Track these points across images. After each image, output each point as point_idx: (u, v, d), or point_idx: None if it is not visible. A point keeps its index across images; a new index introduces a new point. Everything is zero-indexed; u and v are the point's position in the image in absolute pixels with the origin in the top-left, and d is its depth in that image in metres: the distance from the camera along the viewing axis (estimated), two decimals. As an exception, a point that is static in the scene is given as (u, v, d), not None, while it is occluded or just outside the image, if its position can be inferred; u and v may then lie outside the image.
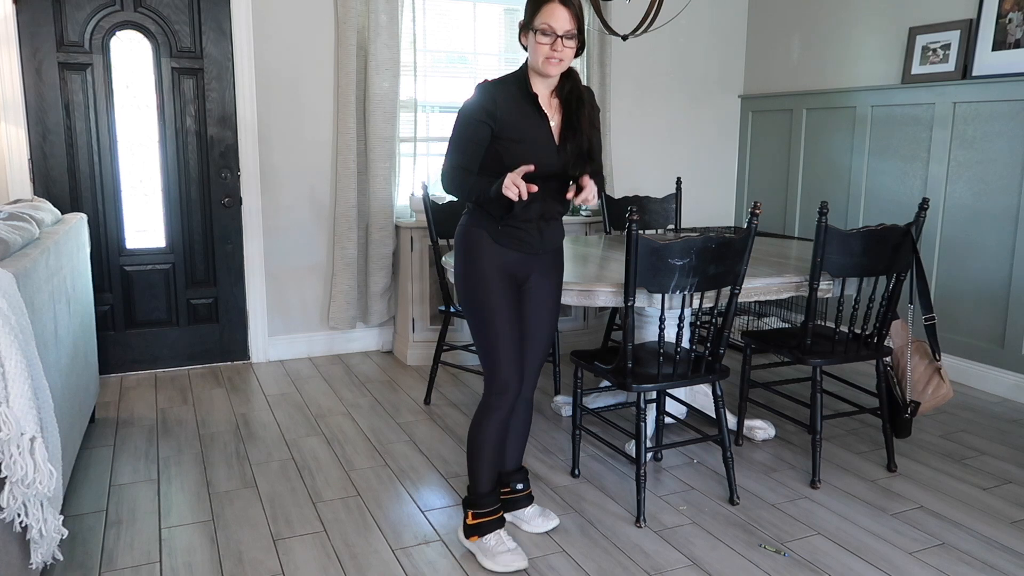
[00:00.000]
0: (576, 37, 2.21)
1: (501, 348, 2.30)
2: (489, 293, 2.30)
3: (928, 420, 3.57)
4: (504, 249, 2.30)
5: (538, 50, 2.20)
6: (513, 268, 2.33)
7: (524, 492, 2.58)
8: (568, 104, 2.31)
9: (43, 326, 2.31)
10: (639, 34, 3.58)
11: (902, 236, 2.86)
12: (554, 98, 2.32)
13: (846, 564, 2.39)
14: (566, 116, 2.31)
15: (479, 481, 2.39)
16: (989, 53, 3.88)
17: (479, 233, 2.31)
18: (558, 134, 2.30)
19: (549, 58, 2.20)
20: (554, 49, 2.18)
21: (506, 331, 2.30)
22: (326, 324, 4.56)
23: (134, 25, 3.97)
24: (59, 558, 2.06)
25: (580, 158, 2.29)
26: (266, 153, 4.28)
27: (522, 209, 2.25)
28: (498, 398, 2.33)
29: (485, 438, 2.36)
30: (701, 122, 5.38)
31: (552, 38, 2.18)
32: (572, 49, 2.22)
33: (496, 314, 2.30)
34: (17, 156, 3.81)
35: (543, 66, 2.22)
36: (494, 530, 2.39)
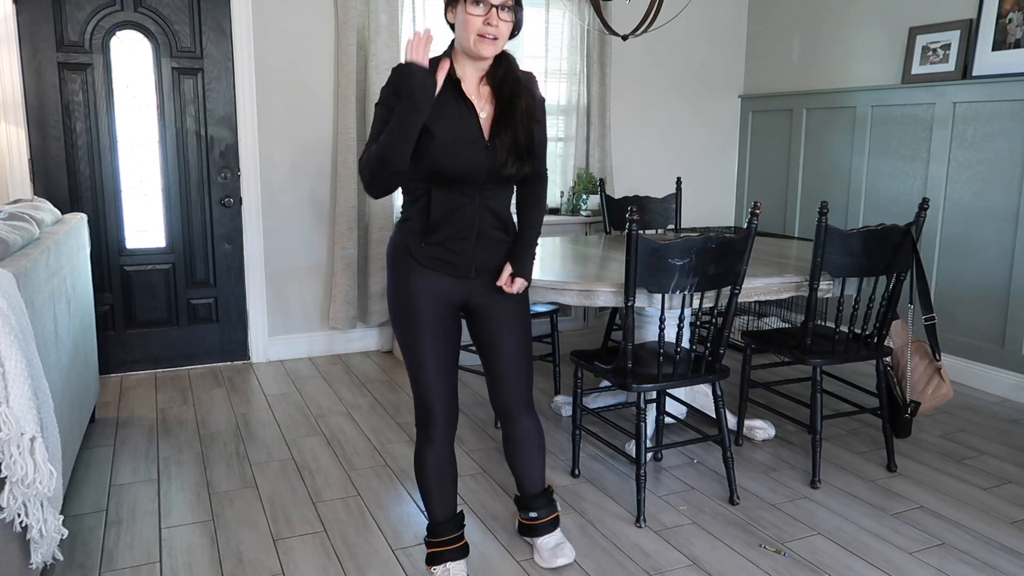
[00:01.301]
0: (513, 11, 1.91)
1: (425, 380, 2.09)
2: (414, 318, 2.06)
3: (928, 420, 3.57)
4: (429, 272, 2.04)
5: (469, 24, 1.88)
6: (448, 291, 2.08)
7: (541, 520, 2.36)
8: (501, 92, 1.99)
9: (43, 326, 2.31)
10: (639, 34, 3.58)
11: (902, 236, 2.86)
12: (484, 86, 2.00)
13: (846, 564, 2.39)
14: (499, 106, 1.98)
15: (430, 512, 2.24)
16: (989, 53, 3.88)
17: (403, 251, 2.05)
18: (488, 128, 1.98)
19: (482, 35, 1.88)
20: (488, 23, 1.87)
21: (429, 360, 2.07)
22: (326, 324, 4.56)
23: (134, 25, 3.97)
24: (59, 558, 2.06)
25: (516, 155, 1.98)
26: (266, 153, 4.28)
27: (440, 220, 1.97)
28: (423, 429, 2.15)
29: (422, 470, 2.19)
30: (701, 122, 5.38)
31: (487, 8, 1.87)
32: (508, 24, 1.91)
33: (421, 345, 2.06)
34: (17, 156, 3.81)
35: (475, 45, 1.90)
36: (445, 561, 2.22)
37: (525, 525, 2.41)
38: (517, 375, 2.20)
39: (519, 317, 2.18)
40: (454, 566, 2.23)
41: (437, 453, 2.17)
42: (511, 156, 1.98)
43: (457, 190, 1.97)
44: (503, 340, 2.16)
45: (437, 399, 2.12)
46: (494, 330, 2.16)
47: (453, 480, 2.23)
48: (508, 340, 2.16)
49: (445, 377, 2.12)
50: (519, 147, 1.99)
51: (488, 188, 2.02)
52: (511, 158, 1.98)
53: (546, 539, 2.38)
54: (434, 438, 2.16)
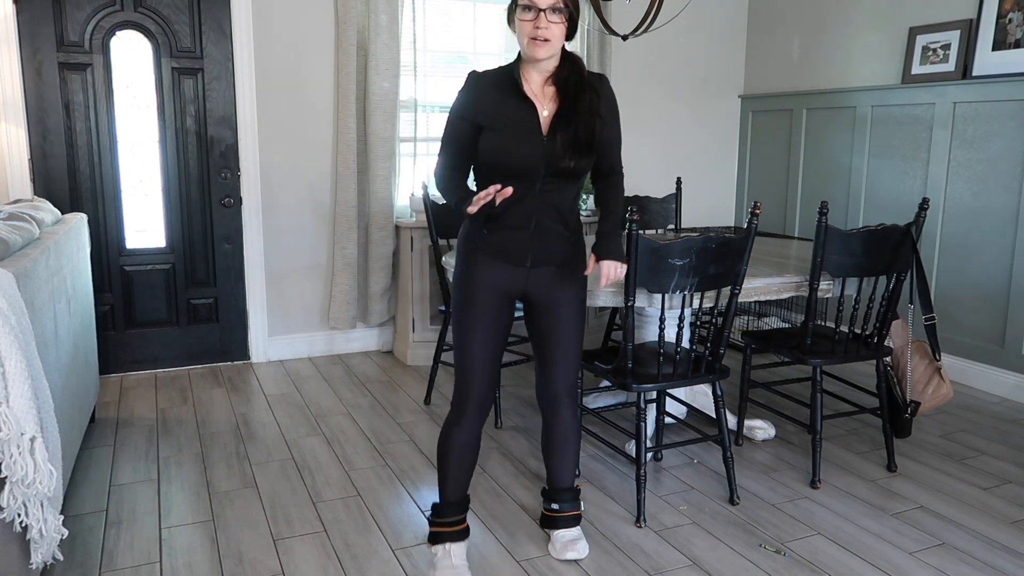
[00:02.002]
0: (563, 12, 2.00)
1: (468, 364, 2.19)
2: (471, 306, 2.18)
3: (928, 420, 3.57)
4: (491, 260, 2.16)
5: (522, 29, 2.01)
6: (508, 282, 2.18)
7: (563, 514, 2.42)
8: (565, 90, 2.08)
9: (43, 326, 2.31)
10: (639, 34, 3.58)
11: (902, 236, 2.86)
12: (549, 86, 2.10)
13: (846, 564, 2.39)
14: (562, 104, 2.08)
15: (442, 491, 2.32)
16: (989, 53, 3.88)
17: (470, 240, 2.19)
18: (547, 125, 2.08)
19: (533, 37, 1.99)
20: (537, 26, 1.98)
21: (476, 347, 2.18)
22: (326, 324, 4.56)
23: (134, 25, 3.97)
24: (59, 558, 2.05)
25: (574, 149, 2.06)
26: (266, 153, 4.28)
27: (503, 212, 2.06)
28: (457, 409, 2.25)
29: (445, 450, 2.28)
30: (701, 122, 5.38)
31: (535, 13, 1.98)
32: (560, 26, 2.01)
33: (471, 331, 2.18)
34: (17, 156, 3.81)
35: (529, 48, 2.02)
36: (447, 541, 2.29)
37: (547, 516, 2.47)
38: (567, 366, 2.29)
39: (576, 311, 2.27)
40: (454, 547, 2.30)
41: (464, 435, 2.26)
42: (569, 150, 2.06)
43: (517, 182, 2.04)
44: (558, 331, 2.26)
45: (476, 385, 2.21)
46: (551, 321, 2.25)
47: (472, 463, 2.32)
48: (563, 331, 2.26)
49: (488, 366, 2.22)
50: (578, 142, 2.07)
51: (548, 182, 2.10)
52: (569, 152, 2.06)
53: (564, 532, 2.43)
54: (463, 421, 2.25)
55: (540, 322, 2.27)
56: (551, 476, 2.43)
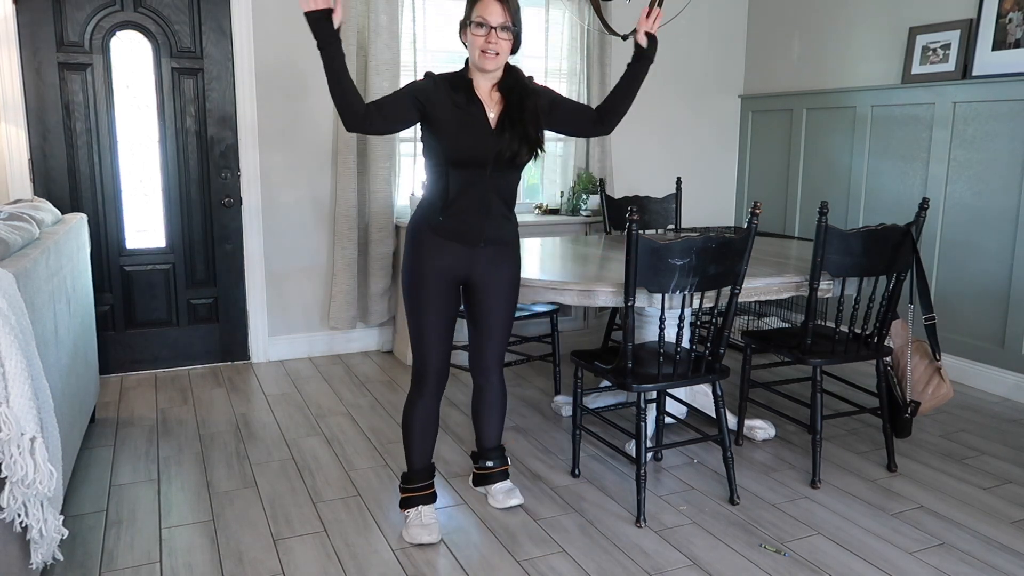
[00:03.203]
0: (511, 31, 2.29)
1: (424, 343, 2.44)
2: (422, 290, 2.41)
3: (928, 420, 3.57)
4: (444, 242, 2.38)
5: (474, 43, 2.29)
6: (454, 267, 2.41)
7: (495, 469, 2.73)
8: (510, 96, 2.37)
9: (43, 326, 2.31)
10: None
11: (902, 236, 2.86)
12: (495, 92, 2.39)
13: (846, 564, 2.39)
14: (507, 106, 2.36)
15: (409, 460, 2.57)
16: (989, 53, 3.88)
17: (422, 227, 2.41)
18: (495, 123, 2.35)
19: (484, 51, 2.27)
20: (488, 41, 2.26)
21: (431, 329, 2.43)
22: (326, 324, 4.57)
23: (134, 25, 3.97)
24: (59, 558, 2.06)
25: (528, 145, 2.35)
26: (266, 153, 4.29)
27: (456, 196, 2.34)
28: (417, 384, 2.49)
29: (409, 423, 2.53)
30: (701, 122, 5.38)
31: (487, 30, 2.26)
32: (508, 42, 2.30)
33: (424, 313, 2.42)
34: (17, 156, 3.82)
35: (480, 60, 2.30)
36: (418, 504, 2.53)
37: (480, 475, 2.76)
38: (499, 340, 2.59)
39: (510, 293, 2.54)
40: (425, 509, 2.54)
41: (426, 406, 2.51)
42: (523, 146, 2.35)
43: (470, 170, 2.34)
44: (493, 310, 2.52)
45: (434, 359, 2.47)
46: (489, 299, 2.51)
47: (434, 433, 2.58)
48: (497, 311, 2.53)
49: (443, 344, 2.48)
50: (530, 139, 2.36)
51: (496, 171, 2.37)
52: (523, 148, 2.36)
53: (498, 484, 2.74)
54: (425, 393, 2.50)
55: (479, 300, 2.51)
56: (483, 437, 2.72)
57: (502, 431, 2.75)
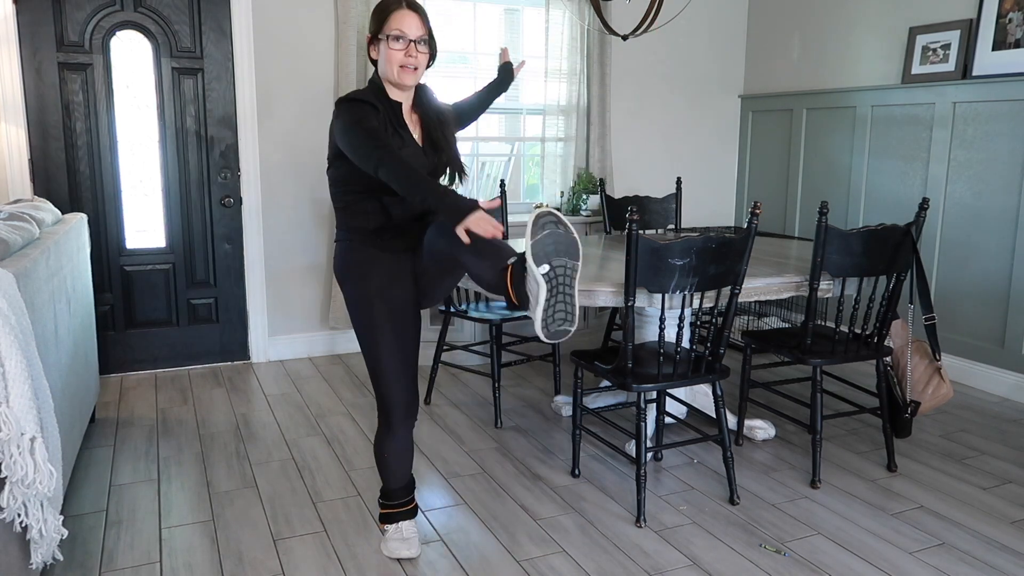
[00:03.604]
0: (428, 43, 2.22)
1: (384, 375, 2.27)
2: (372, 319, 2.24)
3: (928, 420, 3.57)
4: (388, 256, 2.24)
5: (391, 57, 2.17)
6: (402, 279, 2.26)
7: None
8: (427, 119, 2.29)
9: (43, 326, 2.31)
10: (639, 34, 3.58)
11: (902, 236, 2.86)
12: (413, 113, 2.29)
13: (846, 564, 2.39)
14: (427, 132, 2.28)
15: (386, 482, 2.44)
16: (989, 53, 3.88)
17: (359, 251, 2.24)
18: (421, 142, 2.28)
19: (404, 65, 2.17)
20: (408, 55, 2.16)
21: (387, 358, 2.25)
22: (326, 324, 4.57)
23: (134, 25, 3.97)
24: (59, 558, 2.06)
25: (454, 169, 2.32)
26: (266, 153, 4.29)
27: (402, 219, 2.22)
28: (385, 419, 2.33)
29: (383, 454, 2.38)
30: (701, 122, 5.38)
31: (406, 43, 2.16)
32: (426, 56, 2.21)
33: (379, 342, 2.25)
34: (17, 156, 3.82)
35: (399, 75, 2.18)
36: (398, 520, 2.44)
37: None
38: None
39: None
40: (405, 524, 2.45)
41: (398, 441, 2.36)
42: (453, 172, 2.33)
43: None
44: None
45: (398, 395, 2.30)
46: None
47: (410, 458, 2.44)
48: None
49: (404, 372, 2.30)
50: (455, 162, 2.33)
51: None
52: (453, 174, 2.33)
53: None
54: (395, 428, 2.34)
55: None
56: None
57: None
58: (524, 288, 2.03)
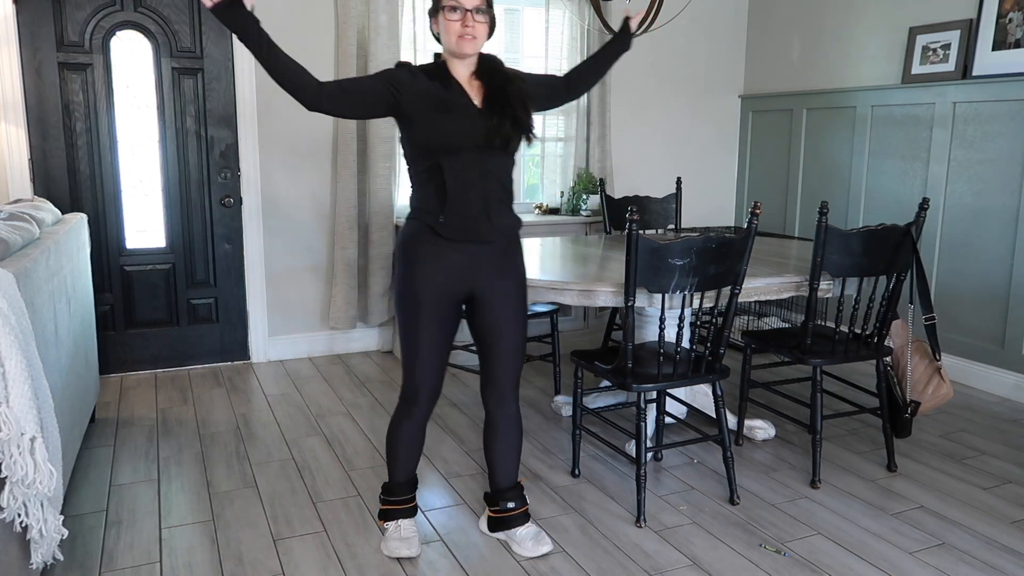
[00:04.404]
0: (486, 13, 2.19)
1: (418, 365, 2.29)
2: (418, 310, 2.24)
3: (928, 420, 3.57)
4: (449, 247, 2.21)
5: (450, 28, 2.17)
6: (457, 277, 2.24)
7: (516, 511, 2.47)
8: (492, 81, 2.25)
9: (43, 326, 2.31)
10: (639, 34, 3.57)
11: (902, 236, 2.86)
12: (474, 80, 2.26)
13: (846, 564, 2.39)
14: (490, 91, 2.24)
15: (392, 473, 2.46)
16: (989, 53, 3.88)
17: (418, 236, 2.24)
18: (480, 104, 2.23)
19: (462, 36, 2.16)
20: (465, 25, 2.15)
21: (425, 348, 2.27)
22: (326, 324, 4.57)
23: (134, 25, 3.97)
24: (59, 558, 2.06)
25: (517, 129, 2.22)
26: (266, 153, 4.29)
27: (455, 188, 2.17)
28: (407, 404, 2.36)
29: (395, 440, 2.42)
30: (701, 122, 5.38)
31: (462, 13, 2.15)
32: (484, 25, 2.19)
33: (420, 333, 2.26)
34: (17, 156, 3.82)
35: (457, 45, 2.17)
36: (398, 518, 2.45)
37: (498, 519, 2.49)
38: (514, 362, 2.38)
39: (519, 308, 2.36)
40: (405, 523, 2.46)
41: (414, 426, 2.39)
42: (514, 130, 2.22)
43: (462, 156, 2.17)
44: (504, 329, 2.33)
45: (426, 383, 2.32)
46: (496, 318, 2.32)
47: (420, 450, 2.46)
48: (509, 329, 2.34)
49: (437, 364, 2.32)
50: (521, 123, 2.22)
51: (486, 155, 2.21)
52: (515, 132, 2.22)
53: (522, 530, 2.46)
54: (415, 414, 2.37)
55: (485, 320, 2.33)
56: (499, 475, 2.47)
57: (519, 466, 2.52)
58: None
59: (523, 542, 2.43)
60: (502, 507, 2.47)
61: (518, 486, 2.50)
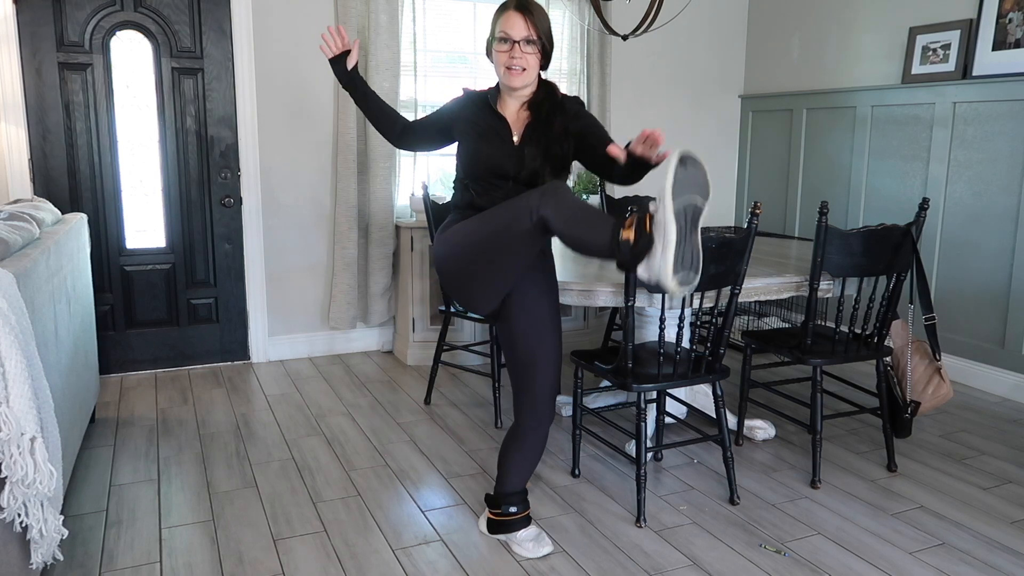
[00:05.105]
0: (536, 44, 2.20)
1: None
2: None
3: (928, 420, 3.57)
4: None
5: (499, 59, 2.22)
6: None
7: (518, 515, 2.48)
8: (539, 111, 2.27)
9: (43, 326, 2.31)
10: (639, 34, 3.58)
11: (902, 236, 2.86)
12: (524, 111, 2.30)
13: (846, 564, 2.39)
14: (533, 121, 2.27)
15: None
16: (989, 53, 3.88)
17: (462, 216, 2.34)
18: (520, 137, 2.28)
19: (509, 67, 2.20)
20: (512, 56, 2.18)
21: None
22: (326, 324, 4.57)
23: (134, 25, 3.97)
24: (59, 558, 2.05)
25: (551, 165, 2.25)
26: (266, 153, 4.29)
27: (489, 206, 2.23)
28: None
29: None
30: (701, 122, 5.38)
31: (510, 45, 2.18)
32: (534, 56, 2.21)
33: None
34: (17, 156, 3.82)
35: (505, 77, 2.23)
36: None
37: (498, 522, 2.49)
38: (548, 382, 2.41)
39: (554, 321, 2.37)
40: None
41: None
42: (547, 164, 2.25)
43: (491, 185, 2.26)
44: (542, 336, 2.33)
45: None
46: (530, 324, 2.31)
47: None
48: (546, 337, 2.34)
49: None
50: (552, 157, 2.25)
51: (520, 186, 2.25)
52: (547, 166, 2.25)
53: (525, 531, 2.46)
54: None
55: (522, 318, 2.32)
56: (508, 481, 2.46)
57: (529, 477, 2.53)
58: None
59: (523, 543, 2.44)
60: (503, 511, 2.47)
61: (523, 491, 2.50)
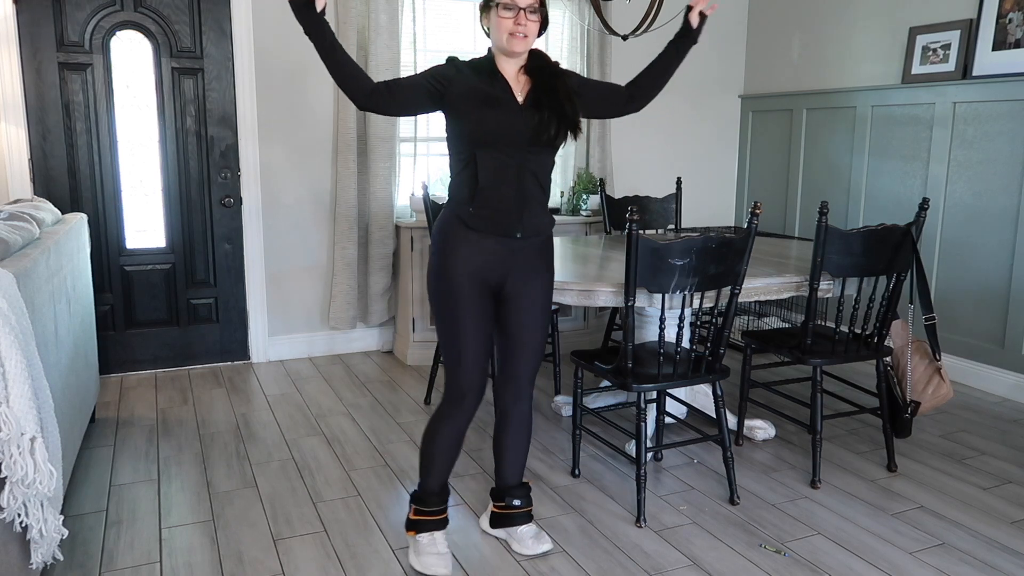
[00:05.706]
0: (538, 12, 2.19)
1: (464, 356, 2.23)
2: (457, 296, 2.21)
3: (928, 420, 3.57)
4: (478, 238, 2.20)
5: (501, 26, 2.16)
6: (490, 267, 2.22)
7: (521, 509, 2.46)
8: (540, 75, 2.24)
9: (43, 326, 2.31)
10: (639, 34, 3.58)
11: (902, 236, 2.86)
12: (522, 75, 2.25)
13: (846, 564, 2.39)
14: (537, 85, 2.23)
15: (427, 480, 2.37)
16: (989, 53, 3.88)
17: (451, 225, 2.23)
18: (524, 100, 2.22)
19: (513, 33, 2.16)
20: (517, 23, 2.15)
21: (469, 338, 2.22)
22: (326, 324, 4.57)
23: (134, 25, 3.97)
24: (59, 558, 2.06)
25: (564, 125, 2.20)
26: (266, 153, 4.28)
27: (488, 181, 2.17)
28: (453, 406, 2.29)
29: (437, 444, 2.33)
30: (701, 122, 5.38)
31: (515, 11, 2.15)
32: (536, 24, 2.19)
33: (461, 320, 2.21)
34: (17, 156, 3.82)
35: (508, 43, 2.17)
36: (431, 530, 2.37)
37: (501, 515, 2.48)
38: (534, 356, 2.36)
39: (546, 307, 2.35)
40: (439, 535, 2.38)
41: (457, 428, 2.33)
42: (560, 125, 2.20)
43: (500, 151, 2.17)
44: (527, 326, 2.31)
45: (473, 380, 2.27)
46: (522, 315, 2.30)
47: (454, 456, 2.38)
48: (531, 327, 2.32)
49: (482, 357, 2.27)
50: (567, 118, 2.21)
51: (528, 151, 2.20)
52: (561, 127, 2.20)
53: (523, 528, 2.46)
54: (457, 416, 2.30)
55: (512, 311, 2.29)
56: (506, 472, 2.46)
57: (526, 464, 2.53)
58: None
59: (523, 540, 2.44)
60: (507, 503, 2.46)
61: (525, 485, 2.49)
